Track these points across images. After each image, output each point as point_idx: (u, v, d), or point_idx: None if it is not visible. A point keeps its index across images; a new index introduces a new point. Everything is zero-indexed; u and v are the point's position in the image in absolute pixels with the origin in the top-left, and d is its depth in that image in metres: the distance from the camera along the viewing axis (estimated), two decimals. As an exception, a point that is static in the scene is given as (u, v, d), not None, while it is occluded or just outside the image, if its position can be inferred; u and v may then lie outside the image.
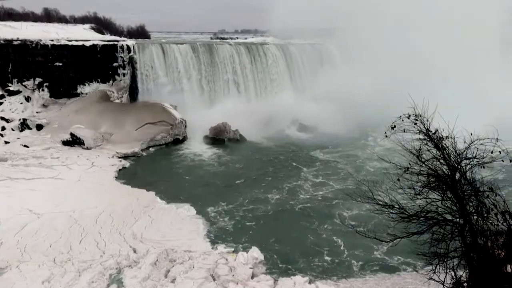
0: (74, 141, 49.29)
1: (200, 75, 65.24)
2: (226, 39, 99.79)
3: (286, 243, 28.07)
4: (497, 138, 9.68)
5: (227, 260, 25.35)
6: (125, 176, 41.69)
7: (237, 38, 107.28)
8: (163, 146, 52.32)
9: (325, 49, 79.70)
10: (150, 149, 51.07)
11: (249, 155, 49.81)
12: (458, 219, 10.32)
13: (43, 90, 56.59)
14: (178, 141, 53.68)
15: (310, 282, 23.62)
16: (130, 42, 63.58)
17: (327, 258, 26.37)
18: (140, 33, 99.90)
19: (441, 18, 67.42)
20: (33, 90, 56.47)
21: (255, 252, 25.79)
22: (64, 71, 57.62)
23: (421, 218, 10.45)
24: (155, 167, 45.02)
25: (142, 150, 49.68)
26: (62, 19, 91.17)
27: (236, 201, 35.19)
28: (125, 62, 60.92)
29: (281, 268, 25.44)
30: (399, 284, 23.35)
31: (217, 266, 24.49)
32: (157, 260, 25.03)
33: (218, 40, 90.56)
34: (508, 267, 10.00)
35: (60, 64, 57.42)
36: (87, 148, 48.36)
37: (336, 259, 26.29)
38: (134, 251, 26.29)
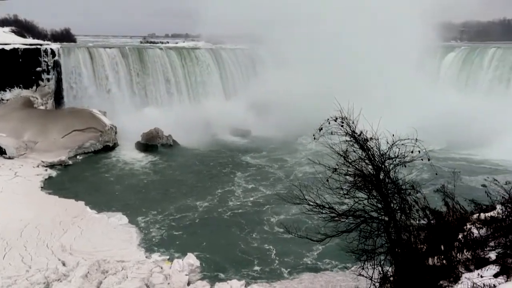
0: (-6, 151, 46.27)
1: (130, 80, 63.68)
2: (157, 43, 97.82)
3: (217, 252, 27.73)
4: (416, 139, 10.24)
5: (162, 268, 24.92)
6: (51, 186, 39.75)
7: (168, 42, 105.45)
8: (92, 153, 50.45)
9: (256, 54, 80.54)
10: (78, 157, 49.05)
11: (182, 161, 49.28)
12: (383, 216, 10.78)
13: (-43, 96, 52.66)
14: (109, 148, 52.00)
15: (246, 285, 23.77)
16: (55, 46, 60.75)
17: (257, 268, 26.18)
18: (65, 36, 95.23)
19: (366, 24, 70.48)
20: None
21: (191, 259, 25.55)
22: (-19, 76, 53.98)
23: (350, 217, 10.83)
24: (84, 176, 43.29)
25: (69, 158, 47.59)
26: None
27: (169, 209, 34.64)
28: (50, 67, 58.13)
29: (215, 275, 25.26)
30: (331, 282, 24.07)
31: (152, 275, 24.00)
32: (88, 272, 24.07)
33: (148, 44, 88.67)
34: (430, 260, 10.60)
35: (-23, 68, 53.77)
36: (9, 158, 45.53)
37: (266, 267, 26.16)
38: (63, 264, 25.12)
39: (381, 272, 11.05)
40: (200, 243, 28.92)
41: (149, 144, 53.05)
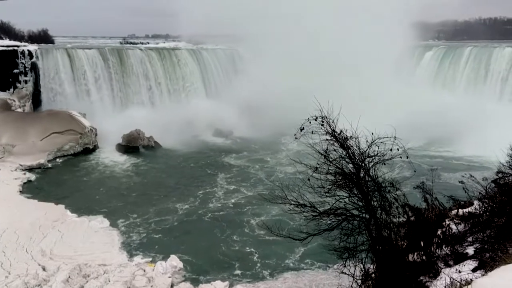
0: (-30, 155, 45.28)
1: (110, 81, 62.96)
2: (137, 44, 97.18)
3: (200, 255, 27.47)
4: (395, 137, 10.38)
5: (144, 271, 24.71)
6: (30, 190, 39.08)
7: (148, 43, 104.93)
8: (72, 156, 49.75)
9: (237, 54, 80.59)
10: (58, 160, 48.35)
11: (164, 162, 48.96)
12: (364, 214, 10.89)
13: None
14: (89, 150, 51.36)
15: (230, 286, 23.75)
16: (32, 47, 59.79)
17: (238, 271, 25.85)
18: (42, 38, 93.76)
19: (346, 24, 71.18)
20: None
21: (174, 261, 25.38)
22: (-44, 79, 52.83)
23: (331, 215, 10.90)
24: (64, 179, 42.67)
25: (48, 161, 46.88)
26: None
27: (151, 211, 34.35)
28: (27, 69, 57.19)
29: (198, 277, 25.07)
30: (315, 281, 24.24)
31: (135, 278, 23.79)
32: (69, 277, 23.72)
33: (128, 45, 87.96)
34: (410, 256, 10.77)
35: (-49, 71, 52.59)
36: (-14, 162, 44.63)
37: (249, 270, 25.93)
38: (44, 269, 24.70)
39: (363, 269, 11.17)
40: (182, 245, 28.70)
41: (130, 145, 52.57)
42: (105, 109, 60.00)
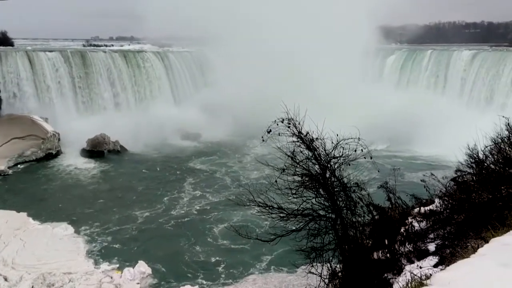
0: None
1: (73, 85, 61.54)
2: (100, 46, 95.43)
3: (166, 261, 27.14)
4: (359, 138, 10.66)
5: (112, 278, 24.33)
6: (-10, 197, 37.82)
7: (112, 45, 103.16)
8: (34, 162, 48.41)
9: (205, 57, 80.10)
10: (19, 166, 46.95)
11: (130, 167, 48.22)
12: (330, 214, 11.10)
13: None
14: (52, 155, 50.08)
15: (199, 289, 23.69)
16: (-10, 50, 57.84)
17: (204, 281, 25.42)
18: (1, 40, 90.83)
19: (312, 28, 72.12)
20: None
21: (142, 266, 25.10)
22: None
23: (299, 216, 11.06)
24: (25, 186, 41.43)
25: (9, 167, 45.48)
26: None
27: (117, 218, 33.81)
28: (-15, 72, 55.21)
29: (166, 284, 24.79)
30: (284, 281, 24.44)
31: (102, 286, 23.41)
32: (32, 287, 23.11)
33: (92, 48, 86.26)
34: (375, 254, 11.05)
35: None
36: None
37: (213, 282, 25.48)
38: (5, 280, 23.98)
39: (330, 268, 11.37)
40: (148, 252, 28.26)
41: (95, 150, 51.57)
42: (68, 113, 58.57)
